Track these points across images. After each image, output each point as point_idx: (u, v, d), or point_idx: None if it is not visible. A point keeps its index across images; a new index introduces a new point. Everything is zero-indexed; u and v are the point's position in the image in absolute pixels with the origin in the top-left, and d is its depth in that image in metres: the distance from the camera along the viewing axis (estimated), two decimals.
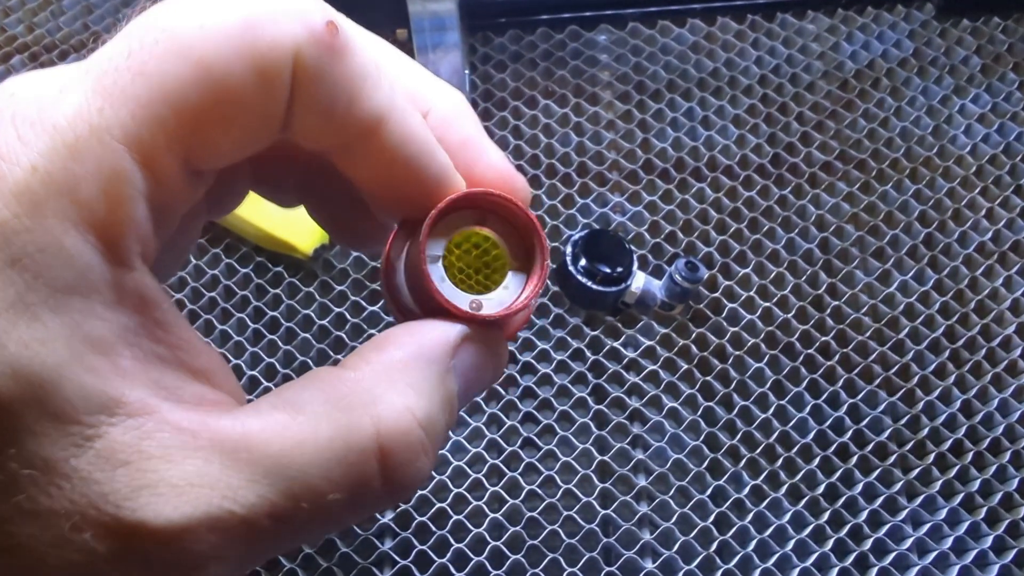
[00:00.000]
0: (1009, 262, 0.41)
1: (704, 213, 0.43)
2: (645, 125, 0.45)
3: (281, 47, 0.17)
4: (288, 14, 0.17)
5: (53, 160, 0.16)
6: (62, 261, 0.16)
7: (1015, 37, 0.46)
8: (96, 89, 0.16)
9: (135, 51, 0.17)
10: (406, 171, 0.19)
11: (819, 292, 0.41)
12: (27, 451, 0.15)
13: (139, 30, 0.17)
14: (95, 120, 0.16)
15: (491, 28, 0.47)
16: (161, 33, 0.17)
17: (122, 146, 0.16)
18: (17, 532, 0.15)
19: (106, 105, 0.16)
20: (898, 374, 0.39)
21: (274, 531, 0.17)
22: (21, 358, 0.15)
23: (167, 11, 0.17)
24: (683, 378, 0.40)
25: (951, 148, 0.43)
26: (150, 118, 0.16)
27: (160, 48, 0.16)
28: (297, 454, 0.17)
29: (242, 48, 0.17)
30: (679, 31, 0.47)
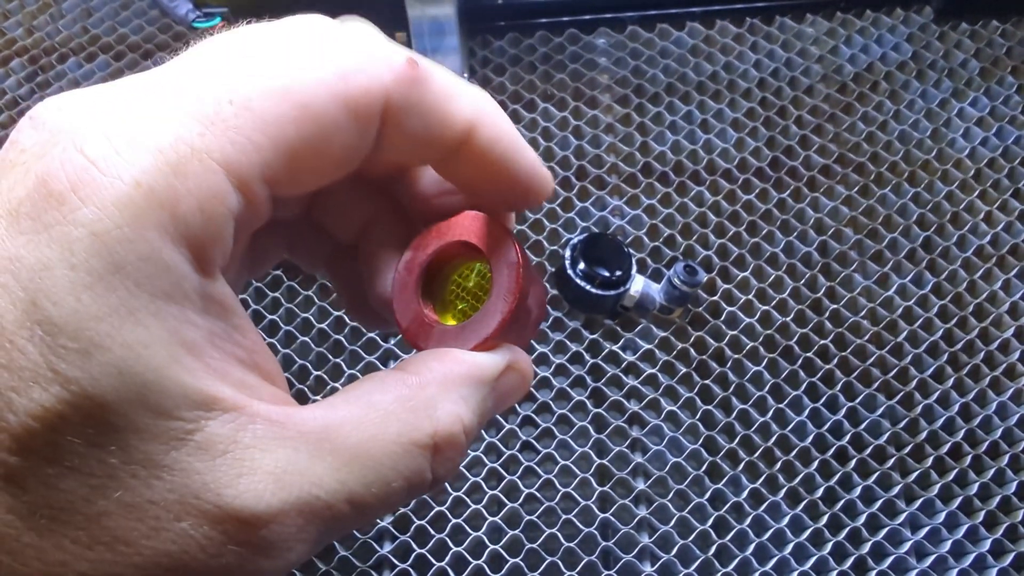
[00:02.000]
0: (1007, 265, 0.41)
1: (703, 216, 0.43)
2: (644, 128, 0.45)
3: (371, 92, 0.19)
4: (375, 61, 0.19)
5: (156, 177, 0.17)
6: (161, 270, 0.17)
7: (1013, 40, 0.46)
8: (195, 116, 0.18)
9: (236, 89, 0.18)
10: (501, 168, 0.21)
11: (818, 295, 0.41)
12: (130, 447, 0.17)
13: (238, 74, 0.18)
14: (196, 143, 0.17)
15: (490, 31, 0.47)
16: (263, 79, 0.18)
17: (221, 168, 0.18)
18: (115, 526, 0.17)
19: (207, 132, 0.17)
20: (896, 377, 0.39)
21: (349, 515, 0.19)
22: (127, 359, 0.16)
23: (268, 59, 0.19)
24: (682, 381, 0.40)
25: (949, 151, 0.44)
26: (249, 146, 0.18)
27: (262, 89, 0.18)
28: (371, 446, 0.19)
29: (336, 94, 0.19)
30: (678, 34, 0.47)
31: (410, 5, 0.39)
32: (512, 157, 0.22)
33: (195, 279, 0.18)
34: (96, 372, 0.16)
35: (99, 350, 0.16)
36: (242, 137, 0.18)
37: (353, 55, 0.19)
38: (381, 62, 0.19)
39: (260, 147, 0.18)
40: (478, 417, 0.21)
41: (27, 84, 0.47)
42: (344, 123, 0.19)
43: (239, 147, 0.18)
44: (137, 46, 0.48)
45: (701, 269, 0.39)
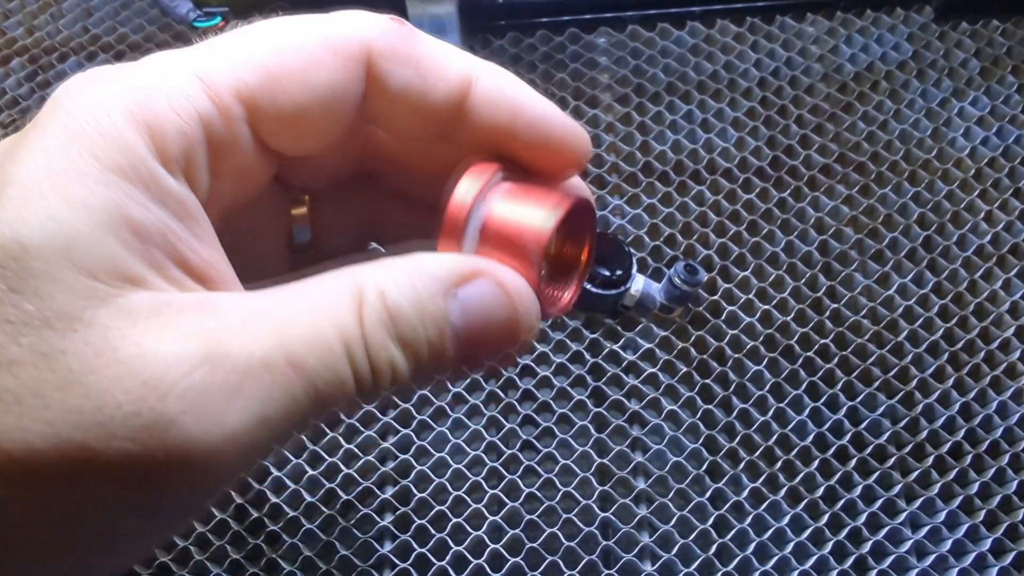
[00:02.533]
0: (1008, 265, 0.41)
1: (703, 216, 0.43)
2: (644, 128, 0.45)
3: (352, 36, 0.19)
4: (358, 16, 0.20)
5: (135, 80, 0.18)
6: (119, 146, 0.17)
7: (1014, 40, 0.46)
8: (194, 51, 0.19)
9: (223, 37, 0.20)
10: (513, 124, 0.20)
11: (818, 295, 0.41)
12: (47, 295, 0.16)
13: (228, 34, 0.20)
14: (181, 59, 0.19)
15: (491, 31, 0.47)
16: (250, 31, 0.20)
17: (192, 72, 0.18)
18: (26, 376, 0.16)
19: (195, 55, 0.19)
20: (897, 377, 0.39)
21: (296, 382, 0.18)
22: (62, 211, 0.16)
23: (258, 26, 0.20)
24: (682, 381, 0.40)
25: (950, 151, 0.44)
26: (224, 60, 0.19)
27: (245, 32, 0.19)
28: (308, 313, 0.18)
29: (317, 33, 0.19)
30: (678, 34, 0.47)
31: (411, 4, 0.39)
32: (524, 108, 0.20)
33: (153, 165, 0.18)
34: (29, 216, 0.16)
35: (39, 199, 0.16)
36: (220, 57, 0.19)
37: (337, 15, 0.20)
38: (363, 16, 0.20)
39: (235, 63, 0.19)
40: (420, 315, 0.19)
41: (27, 84, 0.47)
42: (325, 59, 0.19)
43: (212, 60, 0.19)
44: (138, 45, 0.48)
45: (701, 268, 0.39)
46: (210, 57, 0.19)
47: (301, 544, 0.37)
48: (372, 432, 0.39)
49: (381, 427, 0.39)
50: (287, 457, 0.38)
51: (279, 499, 0.37)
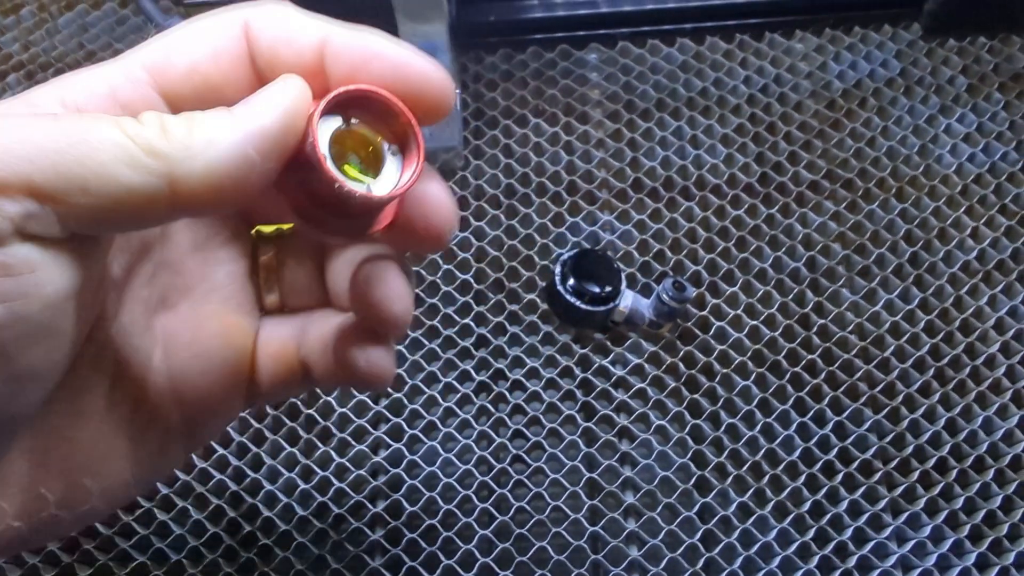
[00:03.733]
0: (993, 281, 0.42)
1: (692, 232, 0.43)
2: (634, 144, 0.45)
3: (234, 18, 0.21)
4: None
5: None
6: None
7: (1000, 57, 0.46)
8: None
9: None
10: (364, 62, 0.21)
11: (806, 311, 0.41)
12: None
13: None
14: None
15: (483, 47, 0.48)
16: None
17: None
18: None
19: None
20: (883, 392, 0.40)
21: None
22: None
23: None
24: (671, 395, 0.40)
25: (937, 167, 0.44)
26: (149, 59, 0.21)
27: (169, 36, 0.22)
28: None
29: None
30: (668, 50, 0.47)
31: (401, 23, 0.40)
32: (379, 53, 0.21)
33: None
34: None
35: None
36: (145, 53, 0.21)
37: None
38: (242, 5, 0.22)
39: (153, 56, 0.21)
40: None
41: None
42: (211, 31, 0.21)
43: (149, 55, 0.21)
44: None
45: (689, 285, 0.39)
46: (149, 60, 0.21)
47: (293, 558, 0.37)
48: (363, 446, 0.39)
49: (372, 441, 0.40)
50: (279, 471, 0.39)
51: (271, 513, 0.38)
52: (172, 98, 0.21)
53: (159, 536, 0.38)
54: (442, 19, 0.39)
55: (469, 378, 0.41)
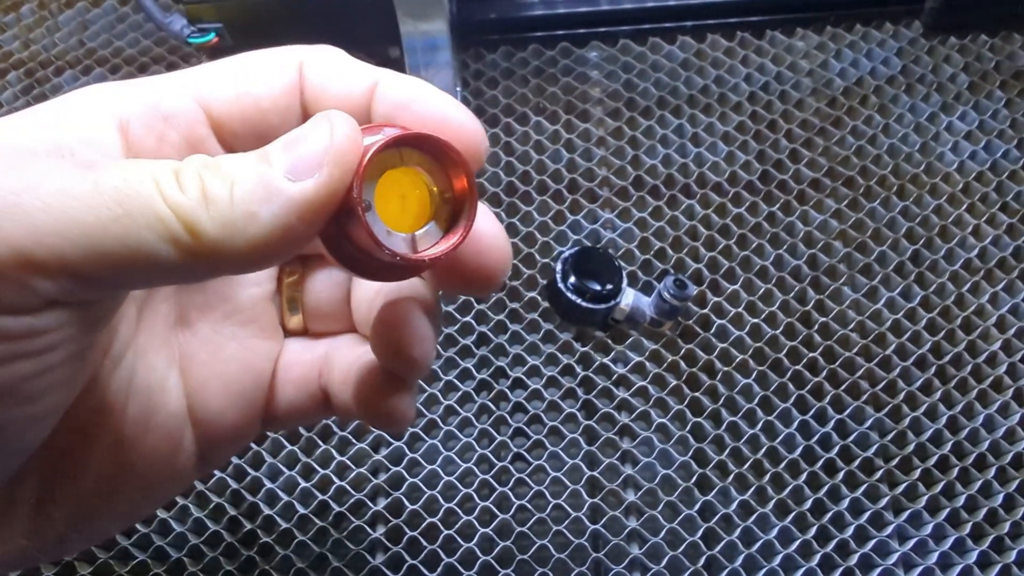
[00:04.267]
0: (995, 278, 0.41)
1: (693, 230, 0.43)
2: (635, 142, 0.45)
3: (289, 58, 0.22)
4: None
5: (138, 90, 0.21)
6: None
7: (1002, 55, 0.46)
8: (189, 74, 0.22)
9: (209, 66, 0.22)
10: (413, 113, 0.21)
11: (807, 308, 0.41)
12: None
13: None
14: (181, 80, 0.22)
15: (483, 44, 0.48)
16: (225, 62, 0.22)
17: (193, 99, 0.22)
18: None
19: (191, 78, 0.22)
20: (885, 390, 0.40)
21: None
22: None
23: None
24: (672, 393, 0.40)
25: (938, 165, 0.44)
26: (207, 86, 0.22)
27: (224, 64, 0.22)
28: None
29: (264, 60, 0.22)
30: (669, 48, 0.47)
31: (402, 21, 0.40)
32: (422, 101, 0.21)
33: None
34: None
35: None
36: (201, 78, 0.21)
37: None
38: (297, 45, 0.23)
39: (210, 85, 0.21)
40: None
41: (23, 97, 0.48)
42: (268, 71, 0.22)
43: (203, 82, 0.21)
44: (133, 59, 0.48)
45: (691, 283, 0.39)
46: (200, 79, 0.21)
47: (294, 556, 0.37)
48: (364, 444, 0.39)
49: (373, 439, 0.40)
50: (280, 469, 0.39)
51: (272, 511, 0.38)
52: (218, 117, 0.21)
53: (159, 534, 0.38)
54: (443, 17, 0.39)
55: (470, 376, 0.41)
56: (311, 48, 0.22)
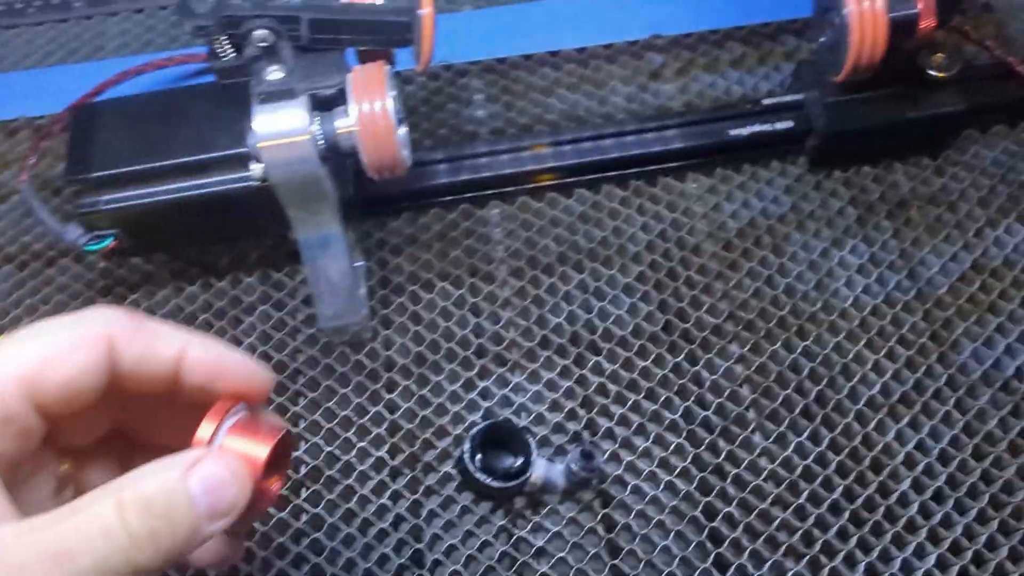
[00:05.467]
0: (899, 414, 0.42)
1: (602, 387, 0.44)
2: (540, 301, 0.46)
3: (95, 330, 0.25)
4: (101, 313, 0.26)
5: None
6: None
7: (885, 185, 0.48)
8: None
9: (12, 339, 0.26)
10: (219, 371, 0.27)
11: (719, 461, 0.41)
12: None
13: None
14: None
15: (386, 213, 0.48)
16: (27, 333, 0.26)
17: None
18: None
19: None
20: (802, 540, 0.40)
21: None
22: None
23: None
24: (592, 561, 0.40)
25: (834, 302, 0.45)
26: (13, 363, 0.25)
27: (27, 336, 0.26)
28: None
29: (72, 334, 0.25)
30: (567, 202, 0.48)
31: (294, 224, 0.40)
32: (222, 360, 0.27)
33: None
34: None
35: None
36: (7, 356, 0.25)
37: (87, 313, 0.26)
38: (105, 312, 0.26)
39: (18, 360, 0.24)
40: (167, 492, 0.24)
41: None
42: (79, 347, 0.25)
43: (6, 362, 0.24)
44: (40, 254, 0.49)
45: (598, 452, 0.39)
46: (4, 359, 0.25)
47: None
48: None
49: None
50: None
51: None
52: (46, 406, 0.25)
53: None
54: (334, 218, 0.40)
55: (387, 562, 0.40)
56: (113, 319, 0.26)
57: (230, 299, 0.46)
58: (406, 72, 0.53)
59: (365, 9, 0.39)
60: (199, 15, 0.37)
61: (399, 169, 0.39)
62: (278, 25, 0.37)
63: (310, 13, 0.38)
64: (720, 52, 0.53)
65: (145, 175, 0.41)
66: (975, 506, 0.40)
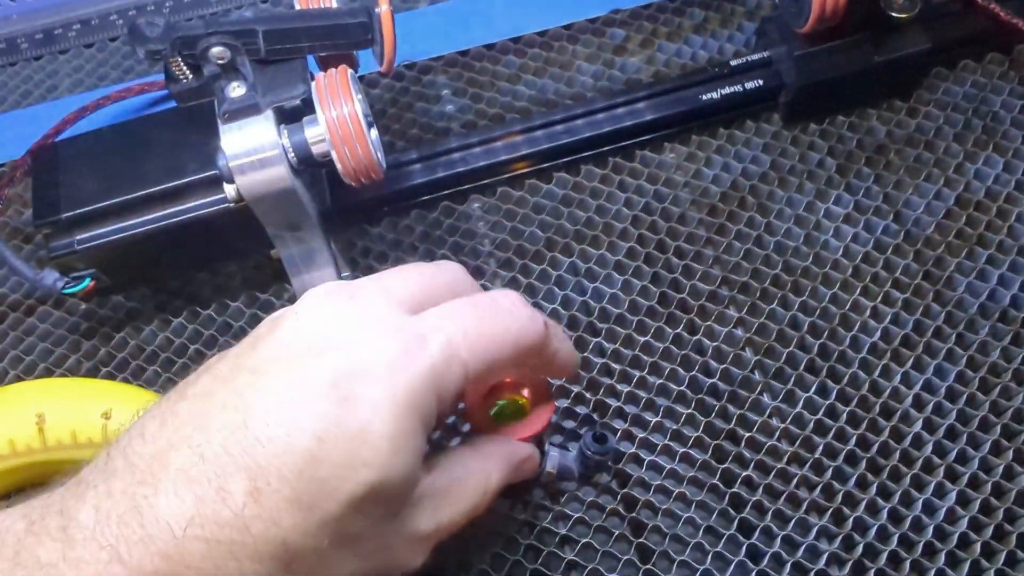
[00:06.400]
0: (902, 358, 0.42)
1: (606, 367, 0.43)
2: (532, 289, 0.45)
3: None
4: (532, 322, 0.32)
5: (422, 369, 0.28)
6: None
7: (862, 132, 0.48)
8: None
9: None
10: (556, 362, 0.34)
11: (731, 426, 0.41)
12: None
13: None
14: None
15: (367, 220, 0.48)
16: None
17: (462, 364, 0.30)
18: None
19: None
20: (823, 494, 0.40)
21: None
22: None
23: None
24: (618, 542, 0.39)
25: (824, 254, 0.45)
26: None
27: None
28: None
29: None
30: (547, 187, 0.48)
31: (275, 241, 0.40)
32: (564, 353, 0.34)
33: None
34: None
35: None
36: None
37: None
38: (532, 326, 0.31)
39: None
40: (506, 477, 0.33)
41: None
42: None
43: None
44: (18, 304, 0.48)
45: (610, 435, 0.39)
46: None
47: None
48: None
49: None
50: None
51: None
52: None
53: None
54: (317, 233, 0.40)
55: None
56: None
57: (219, 326, 0.46)
58: (370, 76, 0.52)
59: (320, 14, 0.38)
60: (151, 39, 0.36)
61: (375, 173, 0.38)
62: (233, 40, 0.37)
63: (264, 25, 0.37)
64: (681, 19, 0.53)
65: (116, 209, 0.40)
66: (988, 439, 0.40)
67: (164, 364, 0.45)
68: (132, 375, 0.45)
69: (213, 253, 0.44)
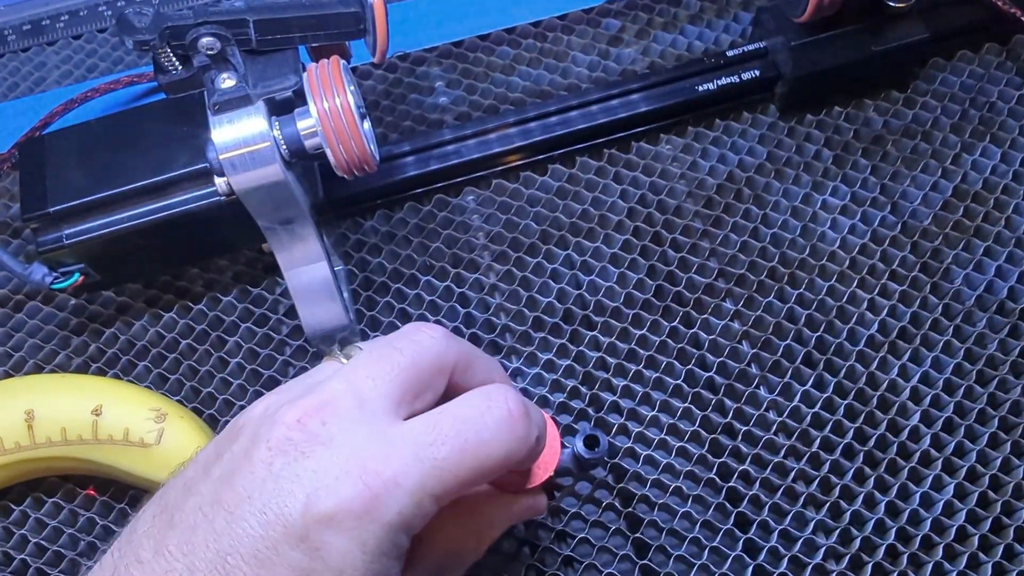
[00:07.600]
0: (899, 350, 0.42)
1: (602, 361, 0.43)
2: (527, 282, 0.45)
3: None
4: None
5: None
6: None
7: (858, 122, 0.48)
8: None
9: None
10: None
11: (728, 420, 0.41)
12: None
13: None
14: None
15: (359, 213, 0.47)
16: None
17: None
18: None
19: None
20: (820, 488, 0.39)
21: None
22: None
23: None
24: (615, 536, 0.39)
25: (821, 246, 0.45)
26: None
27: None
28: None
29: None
30: (542, 179, 0.47)
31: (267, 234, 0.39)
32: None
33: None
34: None
35: None
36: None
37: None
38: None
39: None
40: (500, 533, 0.34)
41: None
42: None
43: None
44: (7, 300, 0.47)
45: (602, 434, 0.38)
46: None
47: None
48: None
49: None
50: None
51: None
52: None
53: None
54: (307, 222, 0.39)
55: None
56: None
57: (210, 321, 0.45)
58: (362, 67, 0.52)
59: (312, 3, 0.38)
60: (139, 29, 0.36)
61: (368, 165, 0.38)
62: (223, 31, 0.36)
63: (255, 14, 0.36)
64: (677, 9, 0.52)
65: (104, 203, 0.39)
66: (986, 431, 0.40)
67: (155, 359, 0.44)
68: (122, 371, 0.44)
69: (204, 247, 0.44)
